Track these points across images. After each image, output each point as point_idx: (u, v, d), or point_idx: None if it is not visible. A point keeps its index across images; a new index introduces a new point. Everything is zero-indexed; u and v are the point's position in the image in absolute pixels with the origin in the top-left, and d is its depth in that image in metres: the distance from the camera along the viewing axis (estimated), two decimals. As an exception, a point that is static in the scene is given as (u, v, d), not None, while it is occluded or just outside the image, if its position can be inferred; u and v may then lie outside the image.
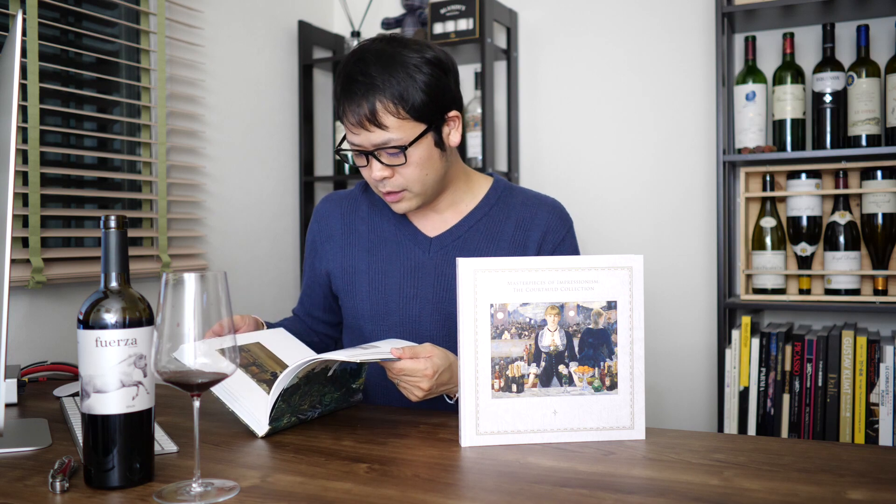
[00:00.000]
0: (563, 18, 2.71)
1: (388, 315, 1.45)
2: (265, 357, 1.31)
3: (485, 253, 1.45)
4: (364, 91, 1.30)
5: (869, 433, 2.08)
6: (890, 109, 2.15)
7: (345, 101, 1.33)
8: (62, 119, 2.11)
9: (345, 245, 1.51)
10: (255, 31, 2.67)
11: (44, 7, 2.00)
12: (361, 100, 1.30)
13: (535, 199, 1.51)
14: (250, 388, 1.22)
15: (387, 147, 1.32)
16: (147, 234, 2.21)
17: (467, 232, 1.46)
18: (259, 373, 1.26)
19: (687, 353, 2.54)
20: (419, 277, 1.45)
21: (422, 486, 0.95)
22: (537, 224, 1.47)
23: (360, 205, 1.53)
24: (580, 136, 2.69)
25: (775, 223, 2.31)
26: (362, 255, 1.49)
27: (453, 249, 1.45)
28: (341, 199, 1.56)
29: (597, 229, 2.64)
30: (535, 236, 1.46)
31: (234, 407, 1.19)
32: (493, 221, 1.47)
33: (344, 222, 1.52)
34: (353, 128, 1.33)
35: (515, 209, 1.48)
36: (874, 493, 0.90)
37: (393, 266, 1.46)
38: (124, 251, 0.97)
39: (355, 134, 1.33)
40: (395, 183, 1.36)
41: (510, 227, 1.47)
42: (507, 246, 1.45)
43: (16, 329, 1.87)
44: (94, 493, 0.93)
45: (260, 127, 2.70)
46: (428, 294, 1.44)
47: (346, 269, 1.49)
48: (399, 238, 1.48)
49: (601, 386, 1.14)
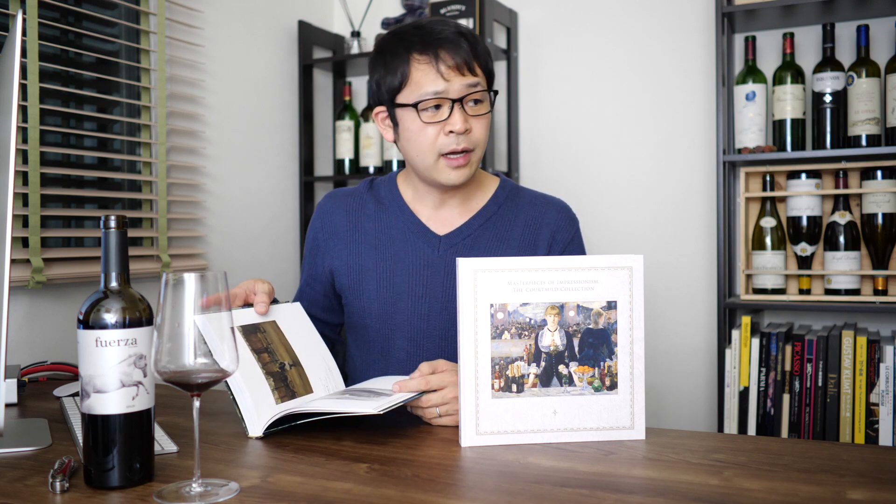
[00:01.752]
0: (563, 18, 2.71)
1: (397, 314, 1.44)
2: (278, 342, 1.29)
3: (494, 252, 1.44)
4: (459, 39, 1.34)
5: (869, 433, 2.08)
6: (890, 109, 2.15)
7: (436, 47, 1.33)
8: (62, 119, 2.11)
9: (350, 242, 1.49)
10: (255, 31, 2.67)
11: (44, 7, 2.00)
12: (458, 46, 1.33)
13: (543, 199, 1.52)
14: (258, 380, 1.21)
15: (477, 90, 1.34)
16: (147, 234, 2.21)
17: (477, 231, 1.46)
18: (269, 362, 1.24)
19: (687, 353, 2.54)
20: (428, 276, 1.44)
21: (422, 486, 0.95)
22: (546, 223, 1.47)
23: (365, 202, 1.51)
24: (580, 135, 2.69)
25: (775, 223, 2.31)
26: (369, 252, 1.47)
27: (463, 248, 1.45)
28: (346, 196, 1.54)
29: (597, 229, 2.64)
30: (544, 235, 1.46)
31: (238, 398, 1.18)
32: (502, 221, 1.47)
33: (349, 219, 1.51)
34: (448, 72, 1.33)
35: (524, 209, 1.49)
36: (874, 493, 0.90)
37: (402, 264, 1.45)
38: (124, 251, 0.97)
39: (447, 80, 1.33)
40: (470, 139, 1.35)
41: (519, 227, 1.47)
42: (516, 245, 1.45)
43: (16, 329, 1.87)
44: (94, 493, 0.93)
45: (260, 127, 2.70)
46: (437, 293, 1.43)
47: (352, 266, 1.48)
48: (408, 236, 1.46)
49: (601, 386, 1.14)
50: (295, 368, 1.28)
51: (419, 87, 1.34)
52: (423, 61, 1.34)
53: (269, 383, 1.22)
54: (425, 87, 1.33)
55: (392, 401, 1.16)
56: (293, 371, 1.27)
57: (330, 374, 1.34)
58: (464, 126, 1.33)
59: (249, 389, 1.18)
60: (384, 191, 1.51)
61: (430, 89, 1.33)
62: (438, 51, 1.33)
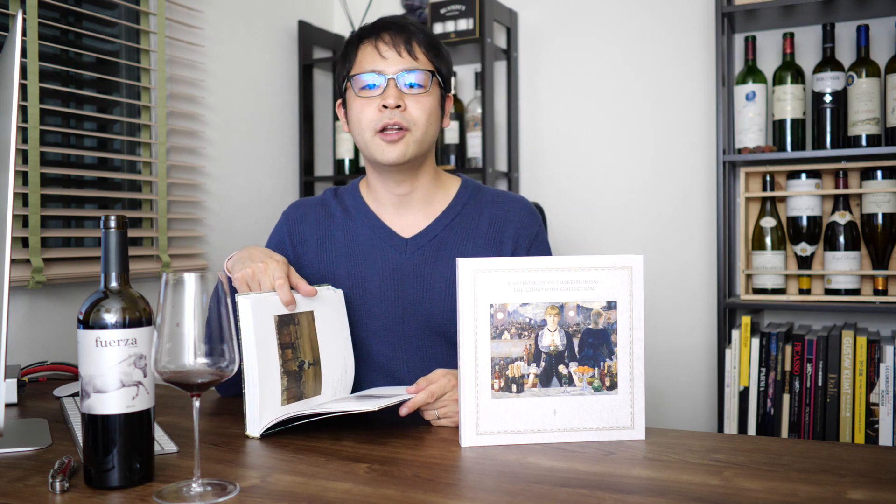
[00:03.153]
0: (563, 18, 2.71)
1: (371, 319, 1.44)
2: (306, 337, 1.27)
3: (462, 251, 1.45)
4: (405, 25, 1.41)
5: (869, 433, 2.08)
6: (890, 109, 2.15)
7: (382, 29, 1.41)
8: (62, 119, 2.11)
9: (320, 251, 1.48)
10: (255, 31, 2.67)
11: (44, 7, 2.00)
12: (401, 30, 1.40)
13: (505, 196, 1.53)
14: (273, 378, 1.19)
15: (417, 69, 1.38)
16: (147, 234, 2.21)
17: (443, 231, 1.46)
18: (290, 359, 1.23)
19: (687, 353, 2.54)
20: (398, 279, 1.44)
21: (422, 486, 0.95)
22: (511, 221, 1.48)
23: (333, 210, 1.51)
24: (580, 135, 2.69)
25: (775, 223, 2.31)
26: (340, 260, 1.47)
27: (430, 249, 1.45)
28: (314, 205, 1.53)
29: (597, 229, 2.64)
30: (509, 233, 1.47)
31: (248, 393, 1.17)
32: (466, 220, 1.48)
33: (319, 228, 1.50)
34: (386, 50, 1.39)
35: (487, 207, 1.49)
36: (874, 493, 0.90)
37: (371, 269, 1.45)
38: (124, 251, 0.97)
39: (384, 58, 1.38)
40: (404, 116, 1.38)
41: (484, 225, 1.47)
42: (482, 243, 1.46)
43: (16, 329, 1.87)
44: (94, 493, 0.93)
45: (260, 127, 2.70)
46: (409, 295, 1.43)
47: (323, 275, 1.47)
48: (374, 241, 1.46)
49: (601, 386, 1.14)
50: (312, 368, 1.27)
51: (360, 67, 1.41)
52: (367, 43, 1.42)
53: (283, 383, 1.21)
54: (364, 65, 1.40)
55: (390, 401, 1.16)
56: (310, 371, 1.27)
57: (344, 374, 1.34)
58: (396, 101, 1.36)
59: (261, 387, 1.17)
60: (348, 198, 1.52)
61: (369, 67, 1.40)
62: (381, 32, 1.41)
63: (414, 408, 1.19)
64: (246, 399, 1.18)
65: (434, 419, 1.23)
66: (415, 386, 1.22)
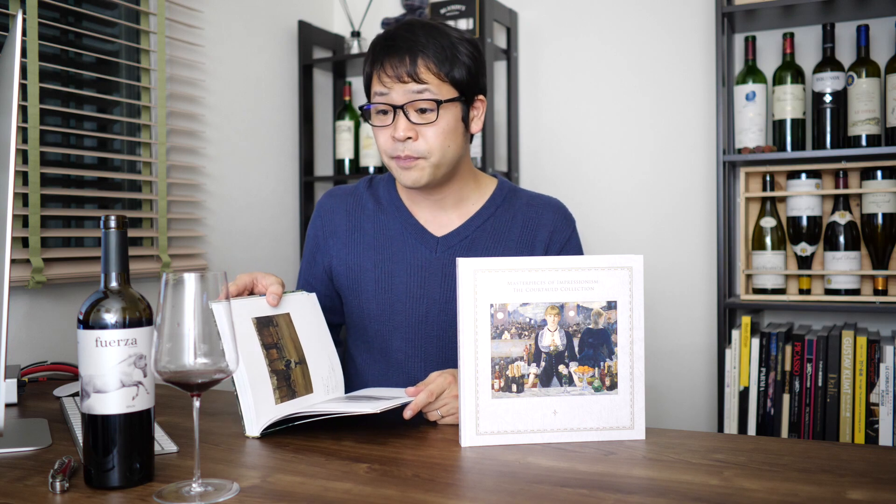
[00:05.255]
0: (563, 18, 2.71)
1: (394, 315, 1.44)
2: (287, 338, 1.28)
3: (492, 253, 1.44)
4: (409, 46, 1.33)
5: (869, 433, 2.08)
6: (890, 109, 2.15)
7: (384, 56, 1.35)
8: (62, 119, 2.11)
9: (349, 242, 1.49)
10: (255, 31, 2.67)
11: (44, 7, 2.00)
12: (405, 54, 1.33)
13: (539, 199, 1.52)
14: (262, 379, 1.20)
15: (421, 98, 1.33)
16: (147, 234, 2.21)
17: (474, 232, 1.46)
18: (276, 359, 1.24)
19: (687, 353, 2.54)
20: (426, 277, 1.44)
21: (422, 486, 0.95)
22: (544, 224, 1.48)
23: (365, 202, 1.51)
24: (580, 135, 2.69)
25: (775, 223, 2.31)
26: (368, 253, 1.47)
27: (460, 249, 1.45)
28: (346, 194, 1.54)
29: (597, 229, 2.64)
30: (542, 236, 1.47)
31: (241, 395, 1.18)
32: (499, 222, 1.47)
33: (349, 219, 1.50)
34: (389, 81, 1.34)
35: (521, 210, 1.49)
36: (874, 493, 0.90)
37: (399, 265, 1.45)
38: (124, 251, 0.97)
39: (388, 88, 1.34)
40: (415, 148, 1.35)
41: (517, 228, 1.47)
42: (514, 246, 1.45)
43: (16, 329, 1.87)
44: (94, 493, 0.93)
45: (260, 127, 2.70)
46: (434, 294, 1.43)
47: (350, 266, 1.48)
48: (405, 237, 1.46)
49: (601, 386, 1.14)
50: (300, 367, 1.28)
51: (371, 93, 1.40)
52: (375, 70, 1.38)
53: (273, 382, 1.22)
54: (373, 94, 1.39)
55: (391, 403, 1.16)
56: (297, 369, 1.27)
57: (332, 373, 1.34)
58: (404, 134, 1.34)
59: (252, 388, 1.18)
60: (383, 190, 1.51)
61: (377, 98, 1.37)
62: (385, 61, 1.35)
63: (417, 409, 1.19)
64: (240, 401, 1.18)
65: (438, 419, 1.23)
66: (414, 388, 1.22)
